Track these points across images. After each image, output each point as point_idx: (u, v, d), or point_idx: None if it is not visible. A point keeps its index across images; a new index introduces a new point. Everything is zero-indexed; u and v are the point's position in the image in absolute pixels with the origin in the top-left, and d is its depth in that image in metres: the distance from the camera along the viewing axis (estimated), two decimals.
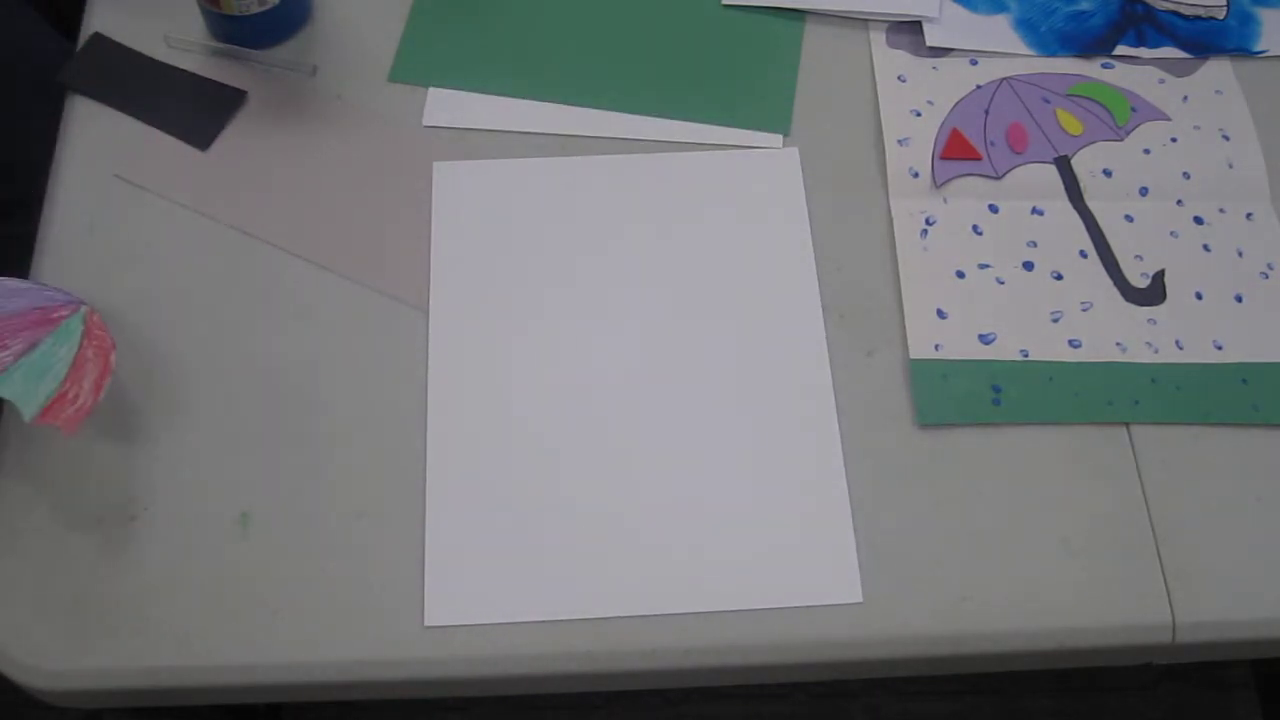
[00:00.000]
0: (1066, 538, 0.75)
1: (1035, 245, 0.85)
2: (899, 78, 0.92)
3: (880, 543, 0.74)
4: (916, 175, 0.87)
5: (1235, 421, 0.79)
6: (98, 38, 0.90)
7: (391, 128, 0.88)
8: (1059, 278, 0.84)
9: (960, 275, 0.83)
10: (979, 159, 0.88)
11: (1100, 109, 0.91)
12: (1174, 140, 0.89)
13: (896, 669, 0.74)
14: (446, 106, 0.89)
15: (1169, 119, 0.91)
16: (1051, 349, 0.81)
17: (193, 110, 0.87)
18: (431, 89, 0.90)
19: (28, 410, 0.73)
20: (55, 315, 0.77)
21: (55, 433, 0.76)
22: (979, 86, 0.92)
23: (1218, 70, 0.93)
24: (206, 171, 0.86)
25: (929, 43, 0.93)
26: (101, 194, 0.85)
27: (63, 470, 0.75)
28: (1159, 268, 0.84)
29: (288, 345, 0.79)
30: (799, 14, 0.95)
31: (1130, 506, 0.76)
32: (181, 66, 0.90)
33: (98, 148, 0.87)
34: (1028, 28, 0.95)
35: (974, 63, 0.93)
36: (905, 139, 0.89)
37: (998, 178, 0.87)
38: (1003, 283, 0.83)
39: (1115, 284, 0.84)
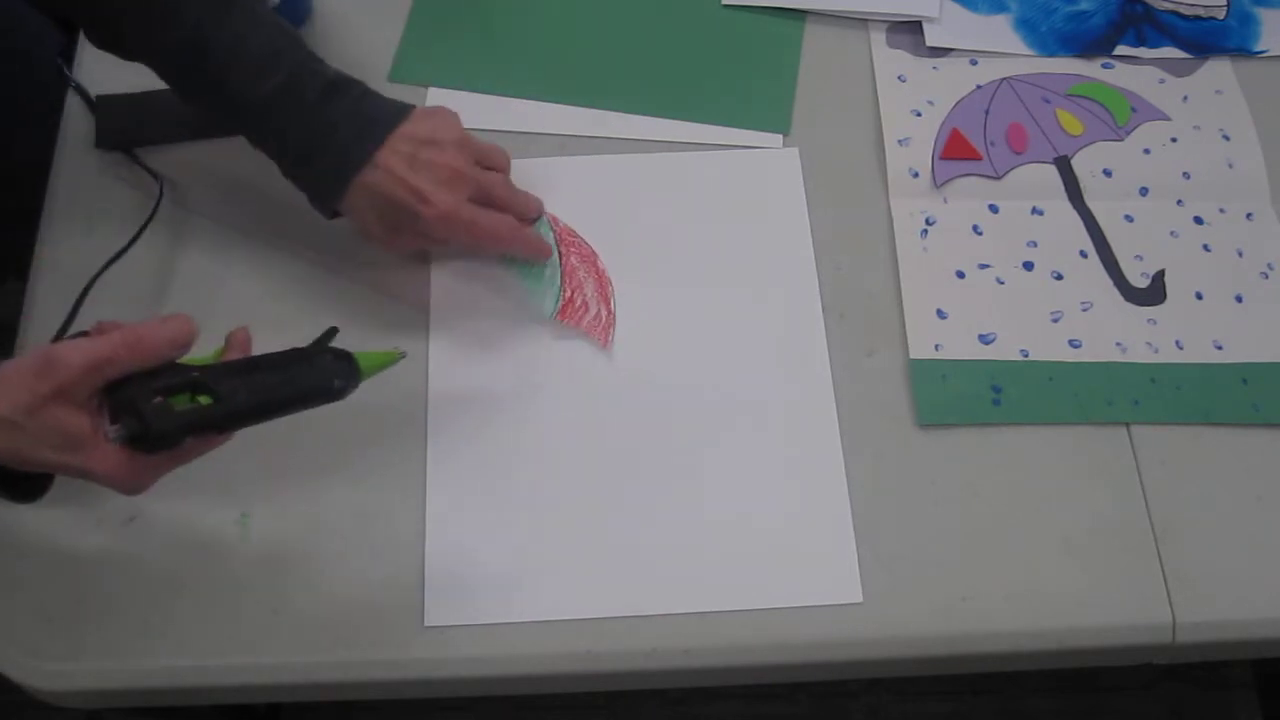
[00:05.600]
0: (1066, 537, 0.75)
1: (1035, 245, 0.85)
2: (899, 78, 0.92)
3: (880, 543, 0.74)
4: (916, 175, 0.87)
5: (1235, 421, 0.79)
6: (104, 99, 0.88)
7: None
8: (1059, 278, 0.84)
9: (960, 275, 0.83)
10: (979, 159, 0.88)
11: (1100, 109, 0.91)
12: (1174, 140, 0.89)
13: (896, 669, 0.74)
14: (447, 106, 0.89)
15: (1169, 119, 0.91)
16: (1051, 349, 0.81)
17: None
18: (431, 89, 0.90)
19: (548, 306, 0.76)
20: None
21: None
22: (979, 86, 0.92)
23: (1218, 70, 0.93)
24: (206, 171, 0.86)
25: (929, 43, 0.93)
26: (101, 193, 0.85)
27: None
28: (1159, 268, 0.84)
29: (288, 345, 0.79)
30: (799, 14, 0.95)
31: (1130, 506, 0.76)
32: None
33: (99, 149, 0.87)
34: (1028, 28, 0.95)
35: (974, 63, 0.93)
36: (905, 139, 0.89)
37: (998, 178, 0.87)
38: (1003, 283, 0.83)
39: (1115, 284, 0.84)
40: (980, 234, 0.85)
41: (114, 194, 0.85)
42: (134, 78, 0.87)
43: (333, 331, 0.67)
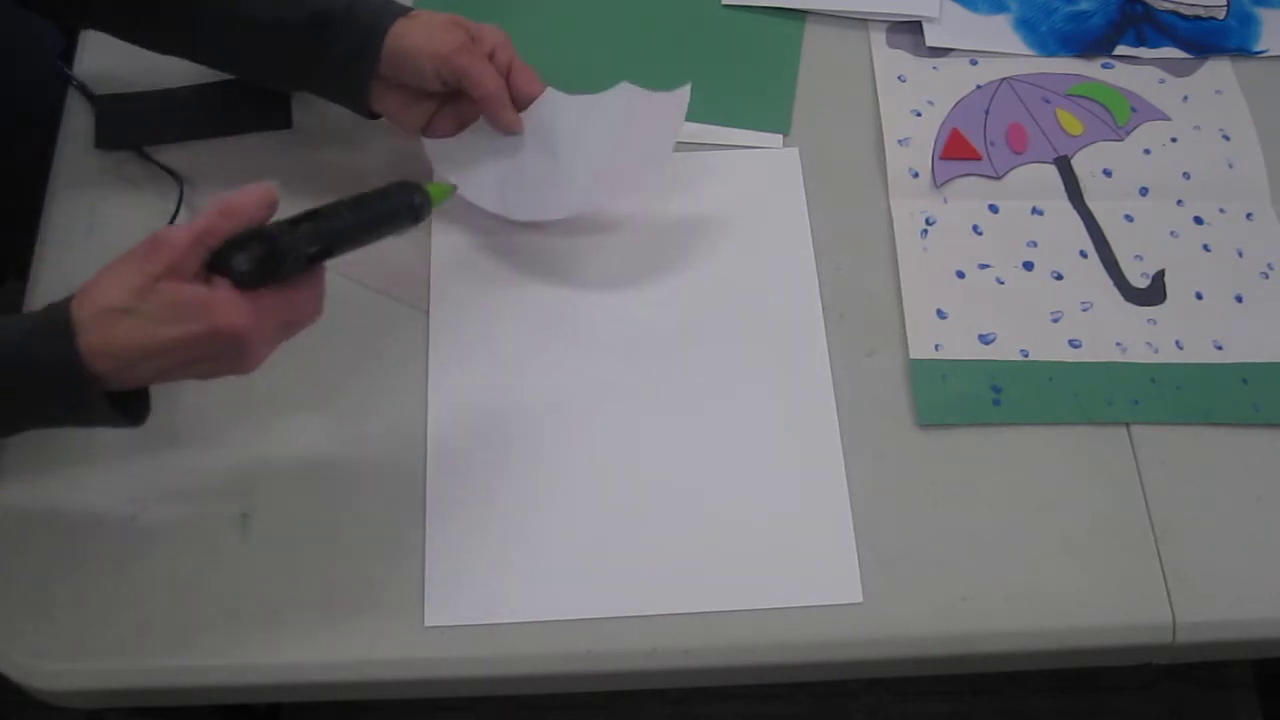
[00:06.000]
0: (1067, 537, 0.75)
1: (1035, 245, 0.85)
2: (899, 78, 0.92)
3: (880, 543, 0.74)
4: (916, 175, 0.87)
5: (1235, 421, 0.79)
6: (104, 98, 0.88)
7: (391, 128, 0.88)
8: (1059, 278, 0.84)
9: (960, 275, 0.83)
10: (979, 159, 0.88)
11: (1100, 109, 0.91)
12: (1174, 140, 0.89)
13: (896, 669, 0.74)
14: None
15: (1169, 119, 0.91)
16: (1051, 349, 0.81)
17: (240, 106, 0.87)
18: None
19: None
20: None
21: (56, 433, 0.76)
22: (979, 86, 0.92)
23: (1218, 70, 0.93)
24: (205, 172, 0.86)
25: (929, 43, 0.93)
26: (101, 194, 0.85)
27: (63, 470, 0.75)
28: (1159, 268, 0.84)
29: (288, 345, 0.79)
30: (799, 14, 0.95)
31: (1130, 506, 0.76)
32: (180, 80, 0.89)
33: (98, 149, 0.87)
34: (1028, 28, 0.95)
35: (974, 63, 0.93)
36: (905, 139, 0.89)
37: (998, 178, 0.87)
38: (1003, 283, 0.83)
39: (1115, 284, 0.84)
40: (980, 234, 0.85)
41: (114, 194, 0.85)
42: (133, 78, 0.87)
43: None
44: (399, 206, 0.70)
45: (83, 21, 0.86)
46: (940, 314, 0.82)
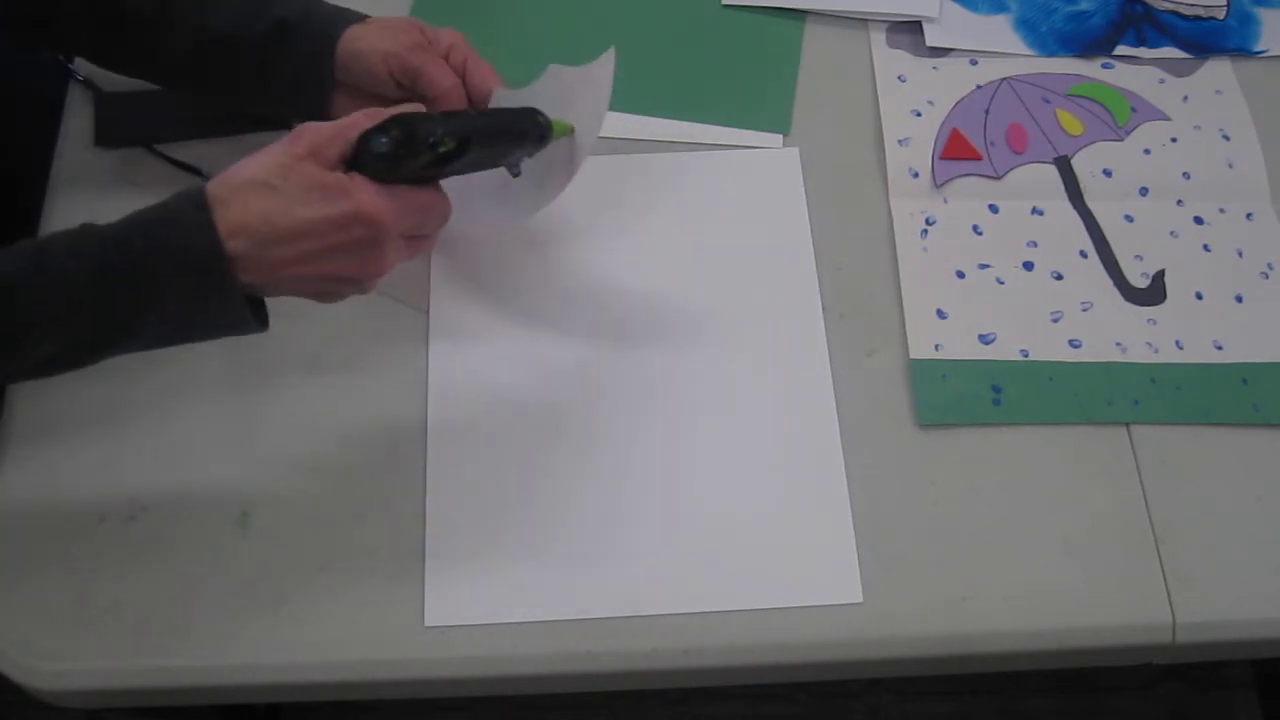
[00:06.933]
0: (1067, 538, 0.75)
1: (1035, 245, 0.85)
2: (899, 78, 0.92)
3: (880, 543, 0.74)
4: (916, 175, 0.87)
5: (1235, 421, 0.79)
6: (107, 96, 0.88)
7: None
8: (1059, 278, 0.84)
9: (960, 275, 0.83)
10: (979, 159, 0.88)
11: (1100, 109, 0.91)
12: (1174, 140, 0.89)
13: (896, 669, 0.74)
14: None
15: (1169, 119, 0.91)
16: (1051, 349, 0.81)
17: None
18: None
19: None
20: None
21: (56, 433, 0.76)
22: (979, 86, 0.92)
23: (1218, 70, 0.93)
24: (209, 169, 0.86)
25: (929, 43, 0.93)
26: (101, 194, 0.85)
27: (63, 470, 0.75)
28: (1159, 268, 0.84)
29: (288, 345, 0.79)
30: (799, 14, 0.95)
31: (1130, 506, 0.76)
32: None
33: (98, 146, 0.87)
34: (1028, 28, 0.95)
35: (974, 63, 0.93)
36: (905, 139, 0.89)
37: (998, 178, 0.87)
38: (1003, 283, 0.83)
39: (1115, 284, 0.84)
40: (980, 234, 0.85)
41: (114, 194, 0.85)
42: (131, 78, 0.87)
43: None
44: (527, 125, 0.71)
45: (51, 45, 0.84)
46: (940, 314, 0.82)
